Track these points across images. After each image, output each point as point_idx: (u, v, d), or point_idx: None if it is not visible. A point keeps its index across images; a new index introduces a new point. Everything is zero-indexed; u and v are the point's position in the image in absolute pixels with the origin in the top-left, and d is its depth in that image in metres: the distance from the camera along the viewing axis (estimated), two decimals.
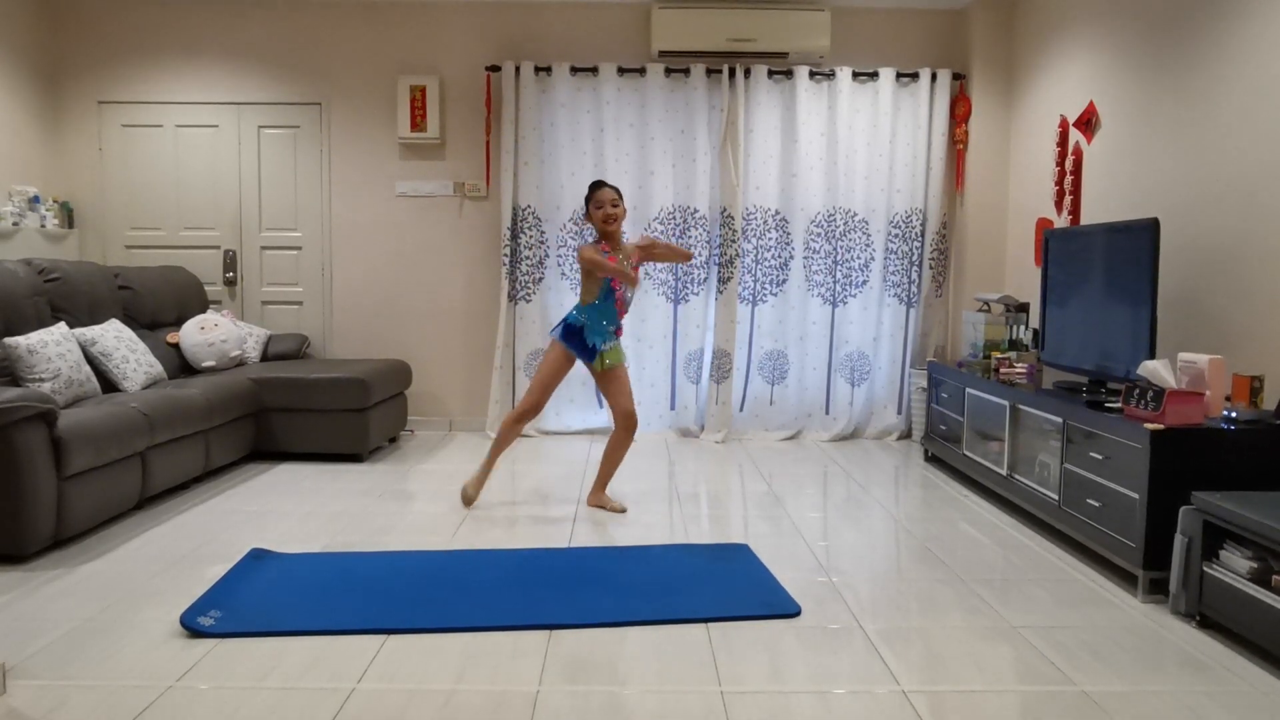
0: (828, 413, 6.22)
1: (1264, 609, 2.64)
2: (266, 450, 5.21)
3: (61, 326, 4.31)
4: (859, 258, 6.12)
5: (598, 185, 4.17)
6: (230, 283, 6.25)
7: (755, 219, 6.08)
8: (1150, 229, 3.65)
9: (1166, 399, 3.20)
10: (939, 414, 5.30)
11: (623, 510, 4.25)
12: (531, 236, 6.05)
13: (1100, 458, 3.49)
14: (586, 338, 4.13)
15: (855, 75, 6.01)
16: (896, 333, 6.16)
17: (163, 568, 3.40)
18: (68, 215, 6.08)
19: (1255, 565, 2.74)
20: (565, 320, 4.19)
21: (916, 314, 6.15)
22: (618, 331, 4.22)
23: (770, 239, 6.09)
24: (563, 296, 6.10)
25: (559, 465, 5.25)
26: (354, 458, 5.29)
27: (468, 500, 4.28)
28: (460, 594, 3.14)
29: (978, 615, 3.03)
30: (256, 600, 3.05)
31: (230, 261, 6.23)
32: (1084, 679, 2.56)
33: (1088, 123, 4.82)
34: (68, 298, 4.65)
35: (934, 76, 6.01)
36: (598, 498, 4.33)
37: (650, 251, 4.29)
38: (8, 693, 2.42)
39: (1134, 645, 2.80)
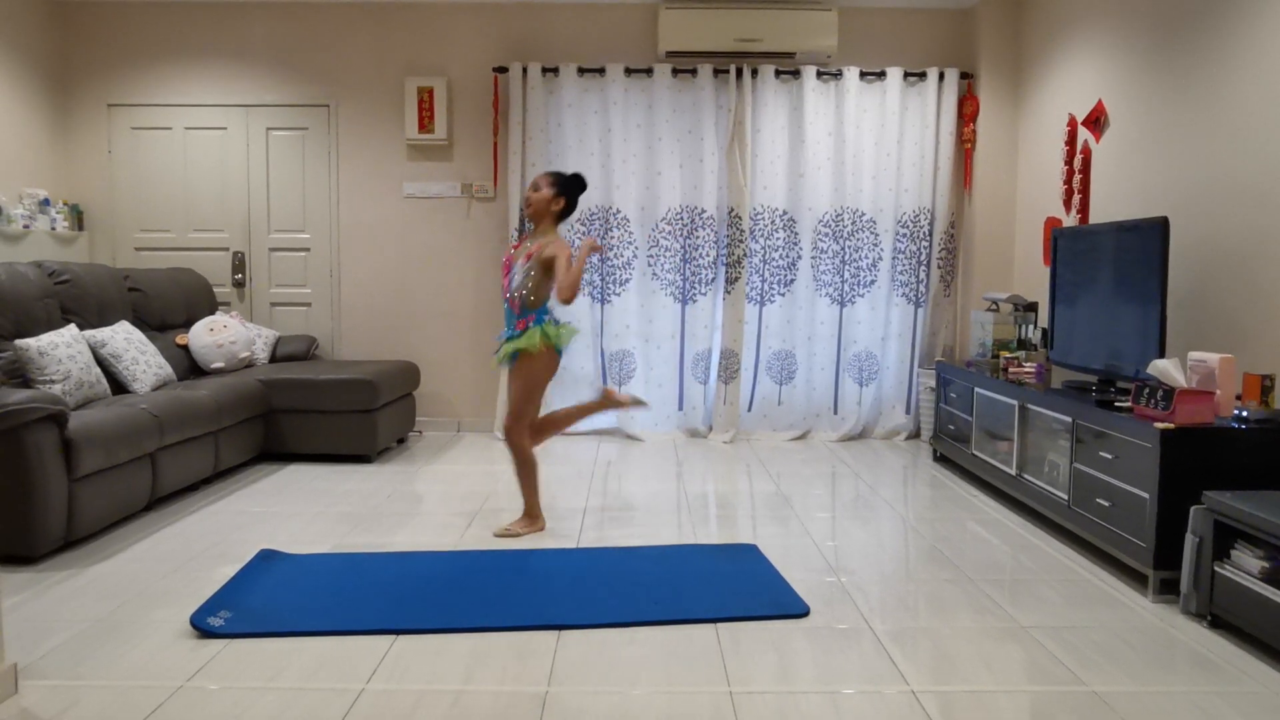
0: (836, 413, 6.21)
1: (1276, 609, 2.63)
2: (275, 451, 5.22)
3: (72, 328, 4.33)
4: (867, 257, 6.11)
5: None
6: (239, 284, 6.27)
7: (763, 219, 6.07)
8: (1160, 227, 3.64)
9: (1177, 398, 3.18)
10: (947, 414, 5.28)
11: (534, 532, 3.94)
12: None
13: (1110, 457, 3.47)
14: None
15: (863, 75, 6.00)
16: (905, 332, 6.15)
17: (173, 568, 3.41)
18: (77, 218, 6.10)
19: (1267, 565, 2.72)
20: None
21: (925, 313, 6.13)
22: (519, 324, 3.84)
23: (778, 239, 6.09)
24: None
25: (566, 466, 5.25)
26: (362, 459, 5.30)
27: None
28: (469, 594, 3.14)
29: (987, 615, 3.02)
30: (266, 601, 3.06)
31: (239, 263, 6.25)
32: (1094, 679, 2.55)
33: (1096, 121, 4.81)
34: (78, 300, 4.67)
35: (941, 76, 6.00)
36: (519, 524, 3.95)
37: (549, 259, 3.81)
38: (20, 693, 2.43)
39: (1144, 645, 2.79)
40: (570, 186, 3.94)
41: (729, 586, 3.23)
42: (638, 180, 6.04)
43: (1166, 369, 3.36)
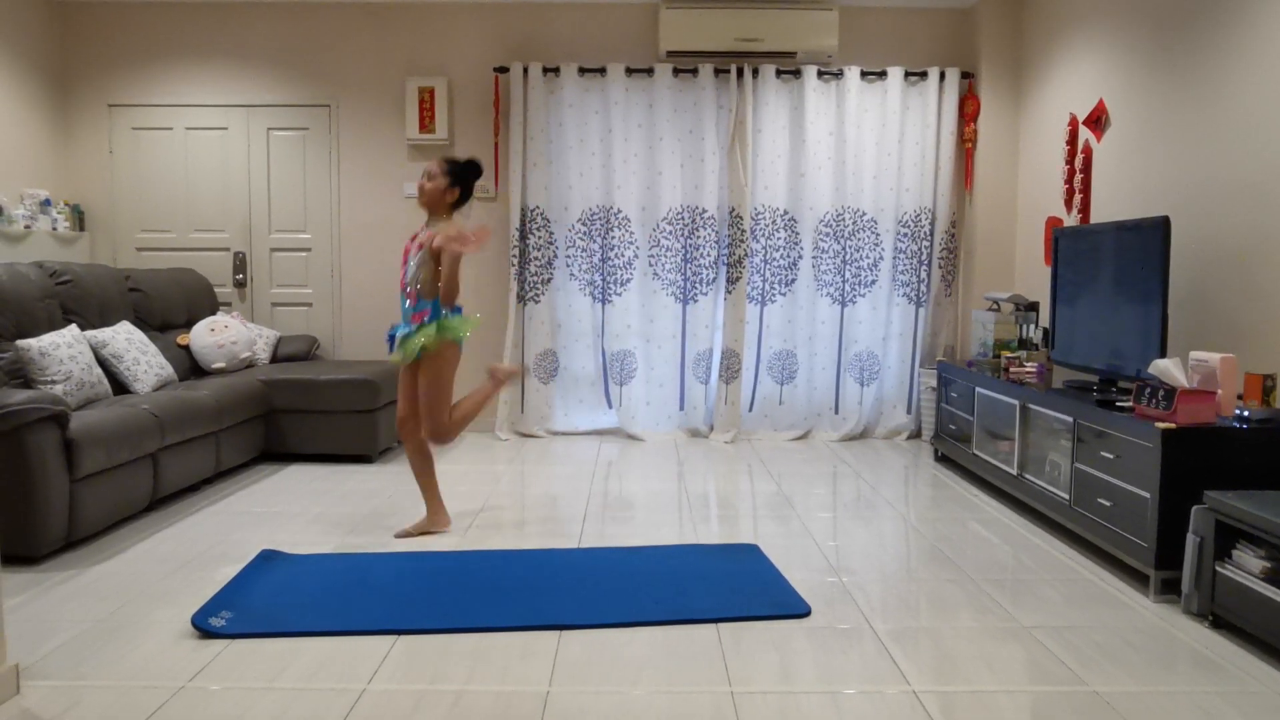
0: (837, 412, 6.20)
1: (1277, 609, 2.63)
2: (276, 451, 5.22)
3: (73, 329, 4.33)
4: (868, 257, 6.10)
5: None
6: (240, 284, 6.27)
7: (764, 219, 6.07)
8: (1161, 227, 3.63)
9: (1178, 398, 3.18)
10: (949, 413, 5.28)
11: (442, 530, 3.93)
12: (540, 237, 6.05)
13: (1111, 457, 3.47)
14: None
15: (863, 74, 6.00)
16: (906, 332, 6.15)
17: (174, 569, 3.41)
18: (78, 218, 6.11)
19: (1268, 565, 2.72)
20: None
21: (926, 313, 6.13)
22: (414, 317, 3.74)
23: (779, 239, 6.08)
24: (571, 297, 6.10)
25: (568, 465, 5.25)
26: (363, 459, 5.30)
27: None
28: (470, 594, 3.14)
29: (988, 615, 3.02)
30: (267, 601, 3.06)
31: (240, 263, 6.25)
32: (1096, 679, 2.55)
33: (1097, 121, 4.81)
34: (79, 300, 4.68)
35: (942, 75, 6.00)
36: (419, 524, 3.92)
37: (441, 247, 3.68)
38: (21, 693, 2.43)
39: (1146, 645, 2.79)
40: (464, 175, 3.79)
41: (730, 586, 3.23)
42: (638, 180, 6.04)
43: (1168, 369, 3.35)
